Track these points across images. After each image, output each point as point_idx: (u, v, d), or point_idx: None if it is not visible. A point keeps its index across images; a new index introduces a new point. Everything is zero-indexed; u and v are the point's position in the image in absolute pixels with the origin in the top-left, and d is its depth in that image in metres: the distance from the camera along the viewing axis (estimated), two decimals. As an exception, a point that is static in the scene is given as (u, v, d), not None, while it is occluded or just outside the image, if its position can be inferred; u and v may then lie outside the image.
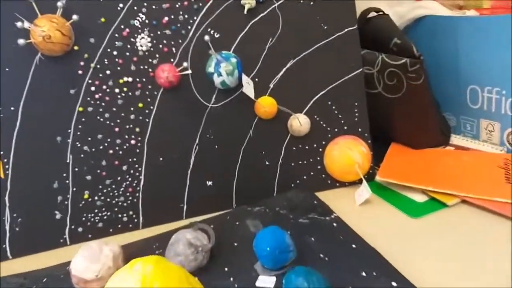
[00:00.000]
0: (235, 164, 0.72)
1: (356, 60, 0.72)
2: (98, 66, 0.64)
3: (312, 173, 0.74)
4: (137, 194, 0.69)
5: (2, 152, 0.64)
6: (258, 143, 0.72)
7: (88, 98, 0.65)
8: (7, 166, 0.65)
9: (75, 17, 0.60)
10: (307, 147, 0.73)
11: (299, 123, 0.71)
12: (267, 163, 0.73)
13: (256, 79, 0.70)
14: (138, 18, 0.64)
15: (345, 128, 0.73)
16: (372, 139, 0.74)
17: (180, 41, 0.66)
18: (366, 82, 0.73)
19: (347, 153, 0.69)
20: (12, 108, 0.63)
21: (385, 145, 0.83)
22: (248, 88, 0.67)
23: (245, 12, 0.66)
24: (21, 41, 0.58)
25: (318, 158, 0.74)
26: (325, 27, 0.70)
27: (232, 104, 0.70)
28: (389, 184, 0.72)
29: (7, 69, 0.62)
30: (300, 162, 0.73)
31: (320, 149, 0.74)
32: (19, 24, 0.58)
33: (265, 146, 0.72)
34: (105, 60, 0.65)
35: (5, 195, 0.65)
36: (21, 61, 0.62)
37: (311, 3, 0.69)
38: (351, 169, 0.69)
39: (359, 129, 0.74)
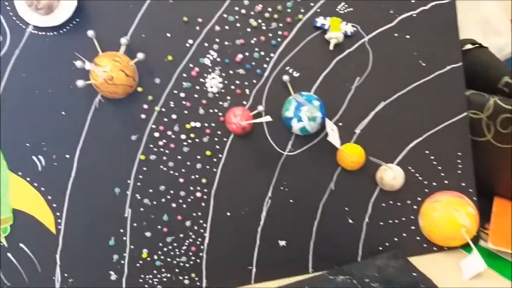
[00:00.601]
0: (312, 221, 0.62)
1: (460, 103, 0.61)
2: (163, 110, 0.57)
3: (404, 235, 0.62)
4: (201, 254, 0.60)
5: (54, 205, 0.58)
6: (341, 198, 0.61)
7: (151, 145, 0.58)
8: (59, 221, 0.58)
9: (140, 55, 0.53)
10: (399, 204, 0.62)
11: (391, 175, 0.61)
12: (350, 221, 0.62)
13: (340, 124, 0.60)
14: (208, 55, 0.57)
15: (446, 182, 0.62)
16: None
17: (254, 81, 0.58)
18: (472, 128, 0.62)
19: (452, 215, 0.57)
20: (68, 156, 0.57)
21: (482, 198, 0.70)
22: (333, 135, 0.58)
23: (331, 48, 0.58)
24: (80, 83, 0.51)
25: (412, 217, 0.62)
26: (424, 64, 0.60)
27: (311, 152, 0.60)
28: (500, 251, 0.60)
29: (63, 113, 0.56)
30: (390, 221, 0.62)
31: (415, 207, 0.62)
32: (78, 63, 0.51)
33: (349, 202, 0.62)
34: (171, 103, 0.57)
35: (56, 252, 0.59)
36: (79, 104, 0.56)
37: (407, 36, 0.60)
38: (457, 234, 0.57)
39: (463, 184, 0.62)
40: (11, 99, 0.54)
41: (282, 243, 0.61)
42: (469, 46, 0.71)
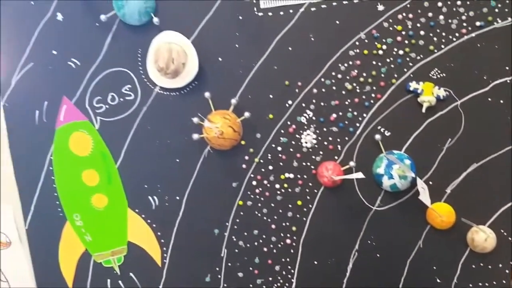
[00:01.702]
0: (399, 277, 0.62)
1: (558, 168, 0.61)
2: (262, 161, 0.63)
3: (495, 300, 0.62)
4: (288, 298, 0.65)
5: (162, 241, 0.66)
6: (429, 256, 0.62)
7: (249, 192, 0.64)
8: (165, 255, 0.65)
9: (246, 114, 0.60)
10: (490, 267, 0.61)
11: (483, 237, 0.60)
12: (438, 280, 0.62)
13: (430, 183, 0.61)
14: (305, 114, 0.63)
15: (542, 248, 0.61)
16: None
17: (346, 138, 0.62)
18: None
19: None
20: (177, 198, 0.64)
21: None
22: (424, 193, 0.60)
23: (423, 110, 0.61)
24: (195, 136, 0.60)
25: (504, 282, 0.61)
26: (519, 127, 0.61)
27: (399, 208, 0.62)
28: None
29: (177, 160, 0.64)
30: (480, 284, 0.61)
31: (507, 271, 0.61)
32: (195, 119, 0.60)
33: (437, 261, 0.62)
34: (269, 155, 0.63)
35: (160, 283, 0.65)
36: (191, 154, 0.63)
37: (501, 101, 0.61)
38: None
39: (560, 251, 0.61)
40: (137, 147, 0.64)
41: (367, 296, 0.63)
42: None
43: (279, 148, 0.63)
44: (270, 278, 0.64)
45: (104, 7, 0.60)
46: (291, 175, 0.63)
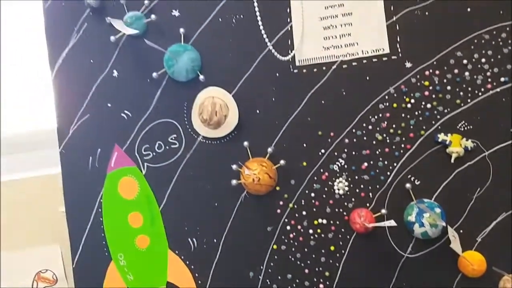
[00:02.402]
0: (432, 324, 0.64)
1: None
2: (296, 207, 0.66)
3: None
4: None
5: (199, 282, 0.68)
6: (462, 304, 0.64)
7: (283, 237, 0.67)
8: (202, 295, 0.69)
9: (282, 162, 0.64)
10: (524, 317, 0.62)
11: (516, 287, 0.61)
12: (471, 329, 0.63)
13: (461, 231, 0.63)
14: (337, 163, 0.66)
15: None
16: None
17: (377, 186, 0.65)
18: None
19: None
20: (215, 241, 0.68)
21: None
22: (455, 242, 0.61)
23: (452, 161, 0.63)
24: (234, 182, 0.64)
25: (540, 333, 0.61)
26: (546, 179, 0.63)
27: (431, 256, 0.64)
28: None
29: (216, 204, 0.68)
30: (514, 335, 0.62)
31: (542, 322, 0.61)
32: (234, 166, 0.64)
33: (470, 309, 0.63)
34: (302, 201, 0.67)
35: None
36: (229, 198, 0.67)
37: (528, 152, 0.64)
38: None
39: None
40: (179, 191, 0.68)
41: None
42: None
43: (313, 194, 0.66)
44: (304, 322, 0.66)
45: (156, 65, 0.67)
46: (324, 221, 0.66)
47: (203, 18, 0.68)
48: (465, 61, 0.64)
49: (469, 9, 0.64)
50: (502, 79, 0.63)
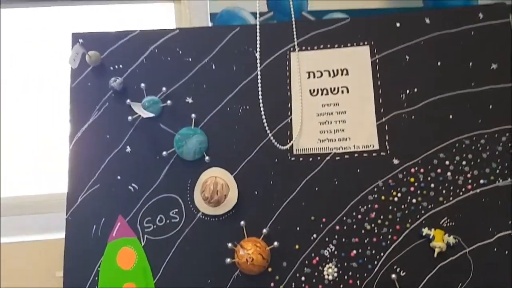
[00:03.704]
0: None
1: None
2: (286, 288, 0.70)
3: None
4: None
5: None
6: None
7: (272, 318, 0.70)
8: None
9: (276, 244, 0.68)
10: None
11: None
12: None
13: (444, 325, 0.66)
14: (328, 248, 0.70)
15: None
16: None
17: (365, 274, 0.68)
18: None
19: None
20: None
21: None
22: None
23: (435, 255, 0.67)
24: (228, 260, 0.67)
25: None
26: (524, 278, 0.66)
27: None
28: None
29: (208, 281, 0.70)
30: None
31: None
32: (229, 244, 0.68)
33: None
34: (293, 283, 0.69)
35: None
36: (222, 276, 0.69)
37: (506, 251, 0.66)
38: None
39: None
40: (175, 265, 0.70)
41: None
42: None
43: (303, 278, 0.69)
44: None
45: (166, 145, 0.73)
46: (313, 305, 0.69)
47: (213, 106, 0.75)
48: (447, 162, 0.70)
49: (451, 116, 0.72)
50: (482, 181, 0.69)
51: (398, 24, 0.78)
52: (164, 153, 0.73)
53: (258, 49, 0.77)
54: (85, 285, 0.71)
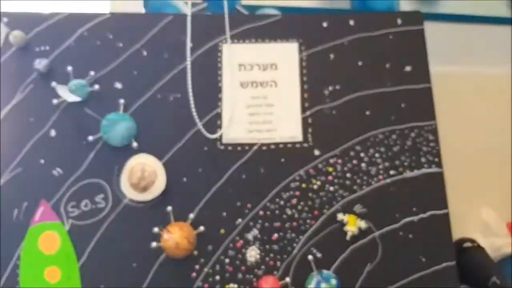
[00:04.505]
0: None
1: (454, 296, 0.73)
2: (210, 271, 0.71)
3: None
4: None
5: None
6: None
7: (195, 299, 0.72)
8: None
9: (201, 228, 0.71)
10: None
11: None
12: None
13: (353, 301, 0.73)
14: (251, 232, 0.73)
15: None
16: None
17: (285, 256, 0.73)
18: (467, 320, 0.72)
19: None
20: (128, 302, 0.72)
21: None
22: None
23: (348, 238, 0.73)
24: (153, 244, 0.69)
25: None
26: (423, 259, 0.72)
27: (326, 323, 0.72)
28: None
29: (134, 265, 0.70)
30: None
31: None
32: (155, 229, 0.69)
33: None
34: (217, 266, 0.72)
35: None
36: (148, 260, 0.70)
37: (410, 236, 0.73)
38: None
39: None
40: (100, 250, 0.70)
41: None
42: (468, 244, 0.84)
43: (227, 260, 0.72)
44: None
45: (93, 130, 0.73)
46: (235, 286, 0.71)
47: (143, 93, 0.76)
48: (362, 154, 0.77)
49: (368, 112, 0.79)
50: (391, 172, 0.76)
51: (325, 24, 0.83)
52: (90, 138, 0.72)
53: (189, 39, 0.79)
54: (6, 268, 0.69)
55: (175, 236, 0.70)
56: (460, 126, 1.05)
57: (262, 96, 0.79)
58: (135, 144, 0.73)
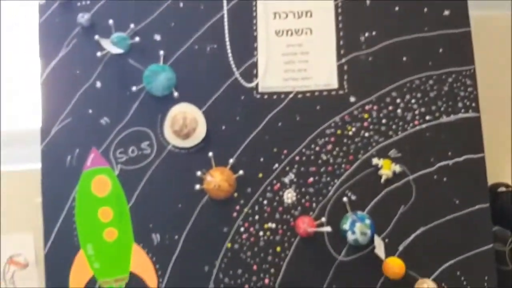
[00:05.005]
0: (356, 319, 0.75)
1: (486, 236, 0.74)
2: (250, 211, 0.76)
3: None
4: (263, 334, 0.75)
5: (159, 273, 0.76)
6: (382, 303, 0.75)
7: (236, 237, 0.76)
8: (161, 285, 0.76)
9: (241, 172, 0.75)
10: (432, 316, 0.74)
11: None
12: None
13: (386, 240, 0.75)
14: (288, 176, 0.77)
15: (473, 301, 0.74)
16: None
17: (320, 198, 0.76)
18: (497, 258, 0.73)
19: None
20: (176, 238, 0.76)
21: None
22: (379, 248, 0.72)
23: (382, 182, 0.75)
24: (197, 186, 0.74)
25: (443, 330, 0.73)
26: (457, 202, 0.75)
27: (360, 260, 0.75)
28: None
29: (179, 205, 0.76)
30: (424, 331, 0.73)
31: (446, 320, 0.73)
32: (198, 173, 0.74)
33: (390, 307, 0.75)
34: (256, 207, 0.76)
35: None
36: (192, 201, 0.76)
37: (444, 179, 0.75)
38: None
39: (489, 304, 0.73)
40: (147, 192, 0.76)
41: (330, 336, 0.74)
42: (502, 189, 0.85)
43: (265, 202, 0.77)
44: (249, 314, 0.76)
45: (136, 80, 0.76)
46: (273, 225, 0.76)
47: (181, 44, 0.78)
48: (398, 100, 0.77)
49: (404, 58, 0.78)
50: (427, 117, 0.77)
51: (361, -32, 0.82)
52: (134, 88, 0.76)
53: (225, -12, 0.80)
54: (63, 210, 0.76)
55: (217, 180, 0.74)
56: (498, 71, 1.03)
57: (297, 44, 0.79)
58: (175, 94, 0.77)
